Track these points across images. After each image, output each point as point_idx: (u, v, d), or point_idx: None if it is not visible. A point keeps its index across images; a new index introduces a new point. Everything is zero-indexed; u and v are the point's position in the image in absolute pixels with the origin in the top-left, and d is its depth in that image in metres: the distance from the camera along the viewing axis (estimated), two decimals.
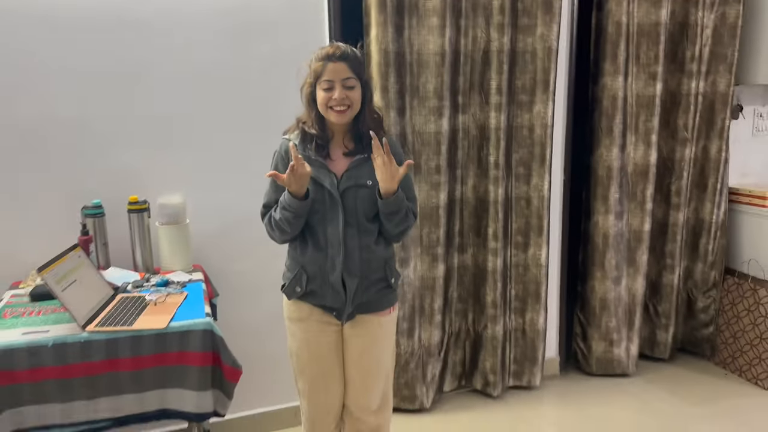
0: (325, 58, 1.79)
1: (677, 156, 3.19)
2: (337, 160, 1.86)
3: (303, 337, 1.93)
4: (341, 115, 1.79)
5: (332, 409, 1.99)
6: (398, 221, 1.84)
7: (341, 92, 1.77)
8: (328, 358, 1.94)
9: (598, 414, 2.89)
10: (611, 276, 3.12)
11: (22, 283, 2.18)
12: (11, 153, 2.21)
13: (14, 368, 1.72)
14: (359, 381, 1.98)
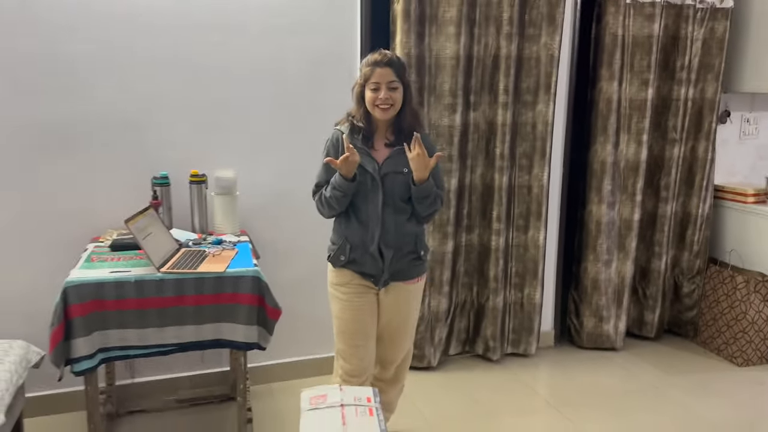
0: (373, 64, 2.10)
1: (666, 155, 3.56)
2: (380, 150, 2.17)
3: (345, 299, 2.22)
4: (385, 112, 2.11)
5: (367, 366, 2.27)
6: (428, 205, 2.16)
7: (386, 93, 2.08)
8: (366, 319, 2.23)
9: (586, 379, 3.27)
10: (602, 259, 3.50)
11: (101, 238, 2.64)
12: (93, 131, 2.66)
13: (104, 298, 2.17)
14: (389, 339, 2.34)
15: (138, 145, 2.72)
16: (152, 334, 2.24)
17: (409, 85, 2.18)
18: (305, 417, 1.37)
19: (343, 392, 1.46)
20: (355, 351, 2.24)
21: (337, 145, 2.17)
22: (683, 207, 3.70)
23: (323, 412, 1.38)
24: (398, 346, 2.36)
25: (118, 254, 2.44)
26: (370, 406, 1.41)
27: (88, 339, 2.15)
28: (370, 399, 1.43)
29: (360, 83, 2.15)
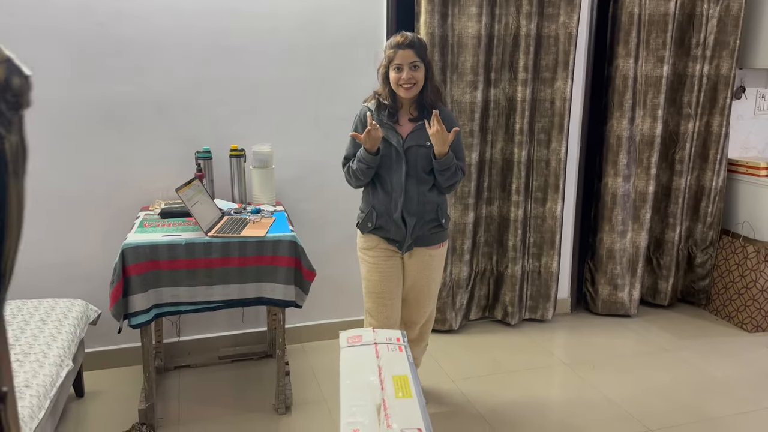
0: (396, 46, 2.25)
1: (681, 129, 3.69)
2: (404, 125, 2.34)
3: (373, 262, 2.41)
4: (408, 91, 2.26)
5: (393, 323, 2.44)
6: (448, 176, 2.31)
7: (408, 73, 2.23)
8: (391, 280, 2.41)
9: (600, 342, 3.46)
10: (617, 230, 3.66)
11: (150, 207, 2.88)
12: (144, 111, 2.89)
13: (158, 259, 2.41)
14: (413, 300, 2.52)
15: (183, 123, 2.94)
16: (201, 292, 2.48)
17: (430, 64, 2.31)
18: (344, 353, 1.57)
19: (376, 333, 1.67)
20: (383, 309, 2.43)
21: (365, 121, 2.33)
22: (697, 180, 3.83)
23: (359, 348, 1.59)
24: (422, 307, 2.54)
25: (168, 221, 2.68)
26: (399, 344, 1.61)
27: (144, 296, 2.40)
28: (399, 339, 1.64)
29: (384, 65, 2.30)
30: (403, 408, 1.31)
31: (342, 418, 1.28)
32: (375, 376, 1.45)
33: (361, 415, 1.28)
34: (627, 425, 2.62)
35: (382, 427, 1.24)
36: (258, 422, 2.60)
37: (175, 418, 2.63)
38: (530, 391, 2.91)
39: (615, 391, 2.89)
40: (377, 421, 1.26)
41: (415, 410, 1.31)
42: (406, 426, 1.24)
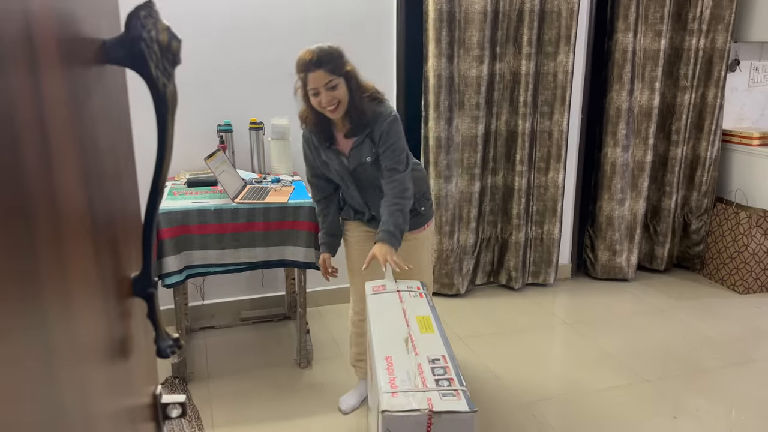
0: (304, 69, 2.03)
1: (678, 101, 3.85)
2: (342, 142, 2.19)
3: (353, 242, 2.41)
4: (334, 111, 2.07)
5: None
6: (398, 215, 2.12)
7: (327, 95, 2.02)
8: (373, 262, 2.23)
9: (599, 303, 3.66)
10: (616, 198, 3.84)
11: (176, 177, 3.05)
12: None
13: (188, 224, 2.59)
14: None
15: (205, 98, 3.10)
16: (229, 255, 2.67)
17: (350, 73, 2.08)
18: (371, 300, 1.76)
19: (397, 284, 1.85)
20: (360, 287, 2.34)
21: (310, 142, 2.26)
22: (693, 150, 4.00)
23: (384, 295, 1.78)
24: None
25: (194, 189, 2.85)
26: (419, 292, 1.80)
27: (177, 257, 2.58)
28: (419, 287, 1.83)
29: (300, 88, 2.11)
30: (427, 341, 1.50)
31: (374, 349, 1.47)
32: (400, 317, 1.63)
33: (391, 346, 1.47)
34: (624, 376, 2.82)
35: (410, 355, 1.43)
36: (282, 375, 2.80)
37: (204, 372, 2.83)
38: (533, 347, 3.11)
39: (613, 347, 3.09)
40: (406, 351, 1.45)
41: (438, 342, 1.49)
42: (431, 354, 1.43)
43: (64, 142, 0.51)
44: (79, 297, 0.55)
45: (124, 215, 0.70)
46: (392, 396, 1.25)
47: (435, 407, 1.21)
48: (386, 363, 1.38)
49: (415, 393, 1.26)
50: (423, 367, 1.37)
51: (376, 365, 1.38)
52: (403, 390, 1.27)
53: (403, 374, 1.33)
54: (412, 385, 1.29)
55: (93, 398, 0.59)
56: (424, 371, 1.35)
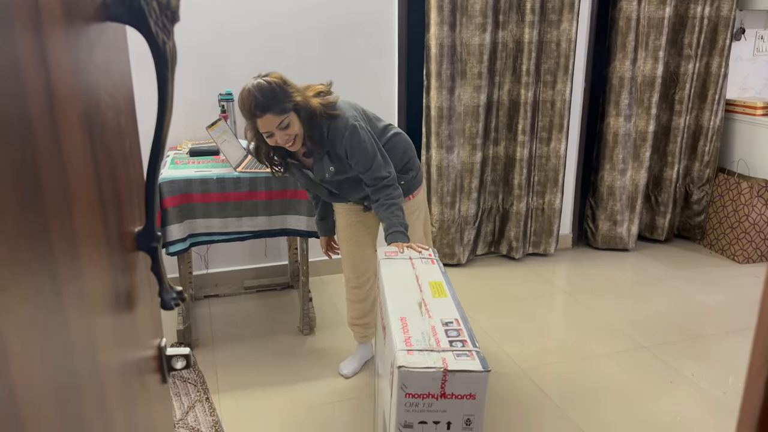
0: (251, 117, 1.98)
1: (682, 70, 3.82)
2: (303, 159, 2.20)
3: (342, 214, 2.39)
4: (292, 146, 2.05)
5: (364, 270, 2.43)
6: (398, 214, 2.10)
7: (282, 136, 1.99)
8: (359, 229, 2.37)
9: (599, 273, 3.69)
10: (618, 168, 3.84)
11: (178, 147, 3.06)
12: None
13: (191, 192, 2.61)
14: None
15: (206, 68, 3.09)
16: (232, 223, 2.69)
17: (298, 106, 2.01)
18: (383, 264, 1.77)
19: (409, 251, 1.87)
20: (350, 257, 2.42)
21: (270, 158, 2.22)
22: (696, 120, 3.99)
23: (396, 260, 1.79)
24: None
25: (197, 159, 2.86)
26: (431, 258, 1.82)
27: (180, 226, 2.60)
28: (431, 255, 1.84)
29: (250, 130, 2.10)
30: (440, 305, 1.52)
31: (389, 310, 1.49)
32: (413, 282, 1.66)
33: (405, 308, 1.50)
34: (623, 342, 2.86)
35: (424, 317, 1.45)
36: (286, 342, 2.85)
37: (209, 339, 2.88)
38: (533, 315, 3.15)
39: (612, 315, 3.13)
40: (420, 313, 1.47)
41: (451, 306, 1.52)
42: (445, 317, 1.45)
43: (67, 97, 0.52)
44: (85, 251, 0.57)
45: (127, 171, 0.72)
46: (408, 354, 1.28)
47: (450, 366, 1.24)
48: (401, 323, 1.41)
49: (430, 352, 1.30)
50: (437, 329, 1.40)
51: (391, 325, 1.41)
52: (418, 349, 1.31)
53: (417, 335, 1.36)
54: (426, 345, 1.33)
55: (101, 348, 0.61)
56: (438, 333, 1.38)
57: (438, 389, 1.25)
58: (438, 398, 1.26)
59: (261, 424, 2.28)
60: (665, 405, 2.40)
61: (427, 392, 1.25)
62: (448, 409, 1.27)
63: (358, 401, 2.42)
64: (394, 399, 1.28)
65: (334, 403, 2.39)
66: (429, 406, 1.26)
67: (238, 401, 2.38)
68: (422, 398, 1.26)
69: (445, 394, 1.26)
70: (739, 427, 0.45)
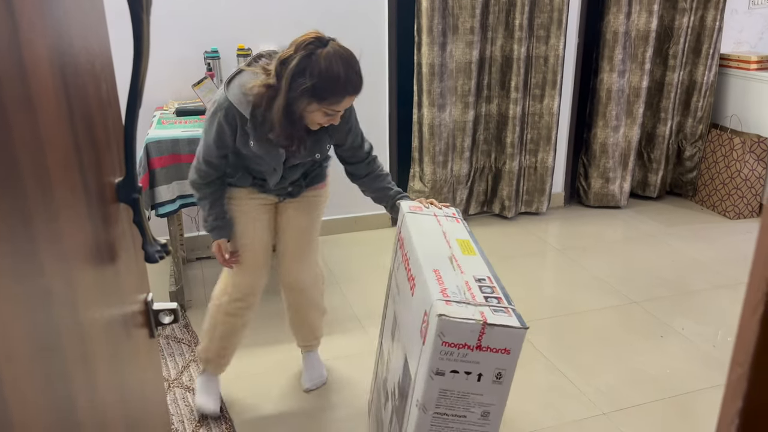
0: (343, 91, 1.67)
1: (676, 24, 3.76)
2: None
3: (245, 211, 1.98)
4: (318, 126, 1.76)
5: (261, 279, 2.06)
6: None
7: (338, 118, 1.74)
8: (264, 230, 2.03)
9: (591, 230, 3.70)
10: (611, 125, 3.81)
11: (164, 107, 3.00)
12: None
13: (179, 152, 2.56)
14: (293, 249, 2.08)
15: (191, 24, 3.00)
16: None
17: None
18: (408, 217, 1.71)
19: (432, 209, 1.82)
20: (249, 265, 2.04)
21: (234, 124, 1.75)
22: (690, 75, 3.94)
23: (421, 216, 1.75)
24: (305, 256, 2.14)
25: (183, 119, 2.81)
26: (456, 218, 1.78)
27: (169, 187, 2.57)
28: (455, 214, 1.80)
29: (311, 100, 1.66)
30: (471, 262, 1.50)
31: (421, 261, 1.45)
32: (441, 237, 1.62)
33: (437, 261, 1.47)
34: (613, 298, 2.89)
35: (456, 272, 1.42)
36: (277, 302, 2.85)
37: (202, 300, 2.88)
38: (525, 272, 3.16)
39: (603, 271, 3.15)
40: (452, 268, 1.45)
41: (482, 264, 1.49)
42: (477, 274, 1.43)
43: (33, 26, 0.49)
44: (61, 196, 0.55)
45: (104, 118, 0.69)
46: (446, 303, 1.27)
47: (489, 320, 1.24)
48: (435, 275, 1.39)
49: (467, 305, 1.29)
50: (470, 284, 1.38)
51: (425, 275, 1.38)
52: (456, 300, 1.30)
53: (453, 287, 1.35)
54: (463, 297, 1.32)
55: (82, 298, 0.60)
56: (473, 288, 1.37)
57: (475, 341, 1.25)
58: (473, 350, 1.26)
59: (256, 382, 2.29)
60: (655, 358, 2.43)
61: (463, 342, 1.25)
62: (482, 361, 1.27)
63: (353, 358, 2.43)
64: (427, 346, 1.28)
65: (327, 361, 2.41)
66: (463, 356, 1.26)
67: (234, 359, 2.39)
68: (458, 348, 1.26)
69: (481, 347, 1.26)
70: (733, 366, 0.44)
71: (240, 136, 1.77)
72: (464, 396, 1.30)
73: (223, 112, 1.74)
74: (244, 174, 1.91)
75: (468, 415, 1.32)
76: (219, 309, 2.04)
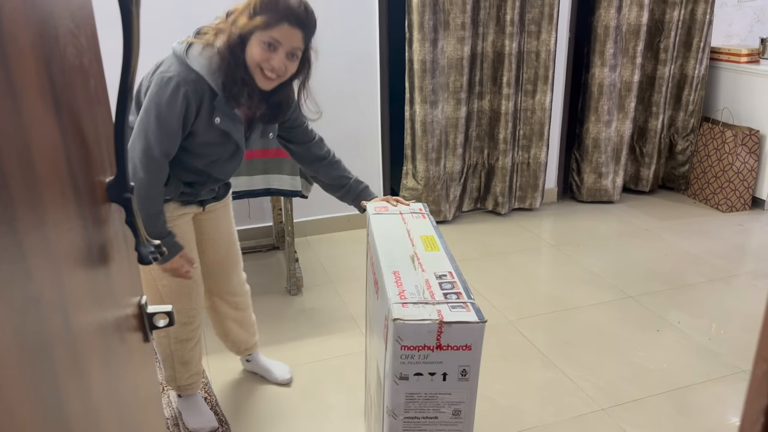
0: (283, 18, 1.50)
1: (667, 17, 3.76)
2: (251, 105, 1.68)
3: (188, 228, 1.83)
4: (267, 82, 1.57)
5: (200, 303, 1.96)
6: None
7: (281, 61, 1.53)
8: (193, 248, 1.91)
9: (584, 225, 3.69)
10: (603, 120, 3.81)
11: None
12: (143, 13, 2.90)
13: None
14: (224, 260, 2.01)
15: (178, 17, 2.97)
16: None
17: (308, 60, 1.64)
18: (373, 219, 1.72)
19: (398, 207, 1.82)
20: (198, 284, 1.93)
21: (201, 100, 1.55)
22: (681, 69, 3.95)
23: (387, 216, 1.75)
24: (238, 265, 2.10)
25: None
26: (422, 213, 1.78)
27: None
28: (421, 209, 1.80)
29: (253, 23, 1.51)
30: (433, 258, 1.49)
31: (382, 265, 1.45)
32: (405, 236, 1.62)
33: (397, 262, 1.46)
34: (609, 292, 2.88)
35: (417, 271, 1.42)
36: (273, 302, 2.83)
37: None
38: (520, 268, 3.15)
39: (598, 266, 3.14)
40: (413, 267, 1.44)
41: (444, 259, 1.49)
42: (438, 270, 1.42)
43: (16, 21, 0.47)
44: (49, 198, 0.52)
45: (93, 115, 0.67)
46: (402, 306, 1.26)
47: (445, 318, 1.23)
48: (394, 277, 1.38)
49: (425, 305, 1.28)
50: (430, 282, 1.38)
51: (384, 279, 1.38)
52: (413, 302, 1.29)
53: (411, 288, 1.34)
54: (421, 297, 1.31)
55: (73, 302, 0.57)
56: (432, 286, 1.36)
57: (434, 341, 1.23)
58: (434, 350, 1.25)
59: (251, 384, 2.27)
60: (652, 352, 2.43)
61: (422, 344, 1.24)
62: (444, 361, 1.26)
63: (347, 359, 2.41)
64: (389, 352, 1.27)
65: (324, 361, 2.39)
66: (425, 357, 1.25)
67: (226, 362, 2.37)
68: (418, 350, 1.25)
69: (441, 346, 1.24)
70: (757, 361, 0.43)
71: (204, 113, 1.56)
72: (432, 397, 1.30)
73: (191, 86, 1.52)
74: (174, 181, 1.67)
75: (439, 416, 1.32)
76: (168, 339, 1.91)
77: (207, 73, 1.54)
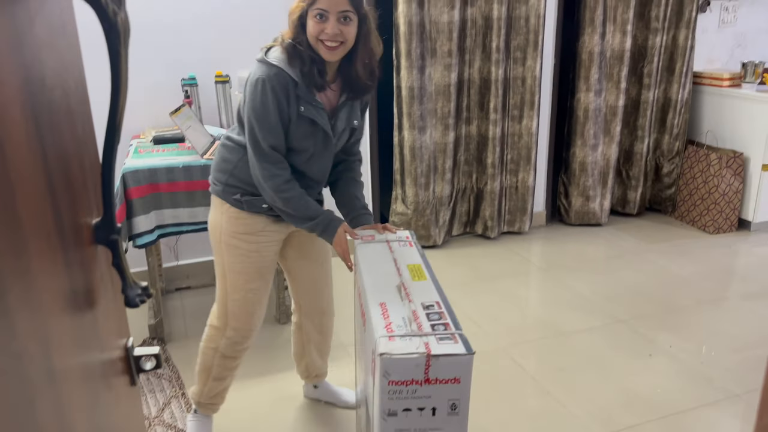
0: None
1: (650, 43, 3.82)
2: (327, 95, 1.73)
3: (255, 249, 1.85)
4: (332, 51, 1.60)
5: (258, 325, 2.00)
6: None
7: (335, 27, 1.57)
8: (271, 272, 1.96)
9: (573, 248, 3.70)
10: (589, 144, 3.85)
11: (141, 135, 2.95)
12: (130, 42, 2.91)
13: (158, 182, 2.51)
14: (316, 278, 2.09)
15: (167, 52, 2.97)
16: (201, 212, 2.60)
17: (367, 17, 1.64)
18: (360, 248, 1.71)
19: (385, 234, 1.81)
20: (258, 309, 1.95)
21: (287, 91, 1.62)
22: (664, 93, 4.01)
23: (373, 245, 1.74)
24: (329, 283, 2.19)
25: (161, 147, 2.76)
26: (408, 241, 1.77)
27: (147, 217, 2.51)
28: (408, 237, 1.79)
29: (302, 6, 1.61)
30: (420, 288, 1.48)
31: (368, 296, 1.44)
32: (391, 266, 1.60)
33: (384, 294, 1.45)
34: (599, 317, 2.87)
35: (404, 302, 1.41)
36: (263, 331, 2.78)
37: (182, 332, 2.81)
38: (510, 293, 3.14)
39: (587, 290, 3.14)
40: (400, 298, 1.43)
41: (432, 289, 1.48)
42: (425, 300, 1.41)
43: (4, 68, 0.46)
44: (34, 245, 0.51)
45: (80, 157, 0.65)
46: (389, 340, 1.23)
47: (433, 351, 1.21)
48: (381, 309, 1.37)
49: (412, 337, 1.26)
50: (418, 313, 1.36)
51: (371, 312, 1.36)
52: (399, 335, 1.27)
53: (398, 320, 1.32)
54: (408, 330, 1.29)
55: (57, 351, 0.56)
56: (420, 317, 1.34)
57: (422, 375, 1.21)
58: (422, 384, 1.22)
59: (240, 416, 2.22)
60: (645, 378, 2.42)
61: (410, 379, 1.22)
62: (433, 395, 1.24)
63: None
64: (376, 387, 1.24)
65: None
66: (413, 392, 1.23)
67: None
68: (406, 385, 1.22)
69: (429, 380, 1.22)
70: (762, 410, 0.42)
71: (292, 104, 1.64)
72: None
73: (276, 80, 1.60)
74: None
75: None
76: (216, 352, 1.92)
77: (285, 65, 1.63)
